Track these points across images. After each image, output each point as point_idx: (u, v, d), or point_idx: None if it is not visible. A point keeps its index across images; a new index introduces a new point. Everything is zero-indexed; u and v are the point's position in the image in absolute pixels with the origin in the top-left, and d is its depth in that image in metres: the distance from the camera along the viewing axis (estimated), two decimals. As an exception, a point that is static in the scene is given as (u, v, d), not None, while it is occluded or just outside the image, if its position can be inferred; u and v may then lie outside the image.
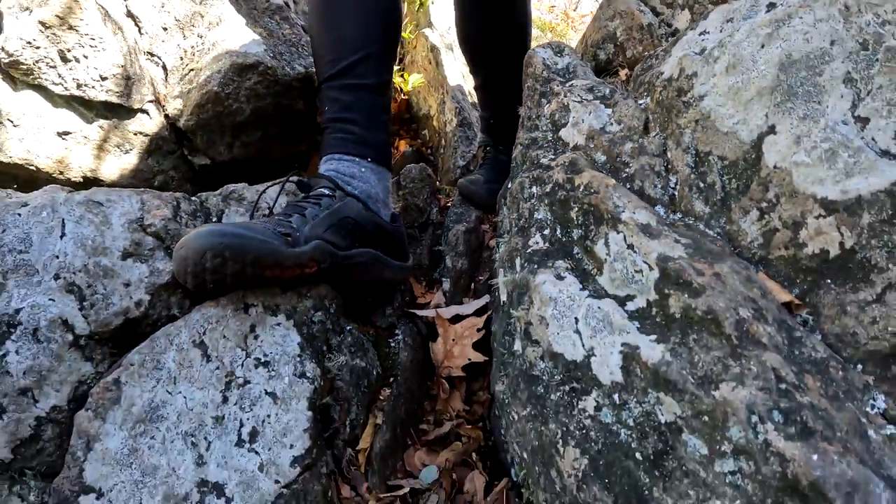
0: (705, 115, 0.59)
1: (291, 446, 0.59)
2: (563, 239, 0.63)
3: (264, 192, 0.75)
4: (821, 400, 0.38)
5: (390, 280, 0.79)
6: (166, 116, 0.87)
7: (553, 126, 0.79)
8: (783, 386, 0.39)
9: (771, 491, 0.36)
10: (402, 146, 1.44)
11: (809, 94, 0.50)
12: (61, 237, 0.58)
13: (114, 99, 0.82)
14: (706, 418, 0.40)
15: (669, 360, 0.44)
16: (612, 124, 0.72)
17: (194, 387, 0.59)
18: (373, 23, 0.78)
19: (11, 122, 0.72)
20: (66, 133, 0.78)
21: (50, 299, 0.56)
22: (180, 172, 0.91)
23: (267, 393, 0.61)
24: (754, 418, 0.37)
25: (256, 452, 0.58)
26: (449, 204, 1.06)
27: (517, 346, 0.60)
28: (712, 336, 0.44)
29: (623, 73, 1.00)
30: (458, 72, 1.40)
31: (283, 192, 0.78)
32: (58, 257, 0.57)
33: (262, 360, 0.62)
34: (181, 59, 0.87)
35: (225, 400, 0.59)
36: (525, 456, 0.56)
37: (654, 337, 0.47)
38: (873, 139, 0.46)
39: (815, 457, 0.34)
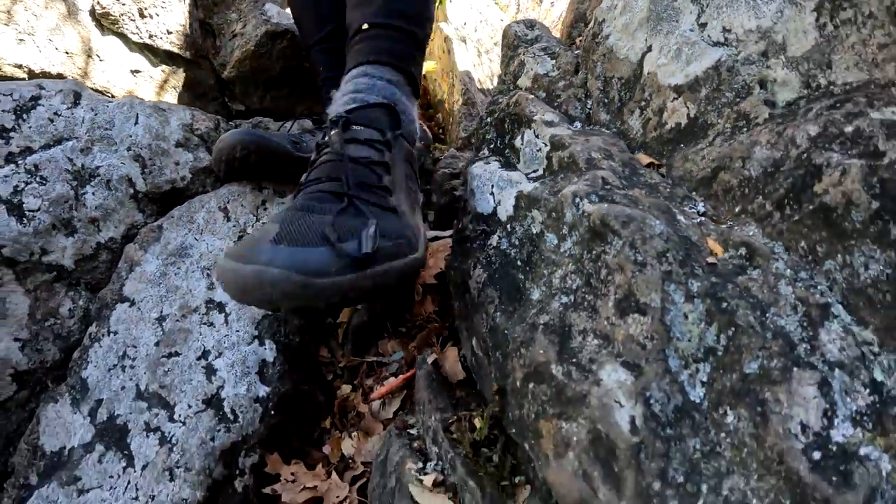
0: (609, 49, 0.78)
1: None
2: (500, 146, 0.82)
3: (283, 125, 0.97)
4: (636, 192, 0.55)
5: None
6: (213, 69, 1.12)
7: (513, 78, 0.99)
8: (607, 186, 0.56)
9: (585, 243, 0.53)
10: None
11: (670, 16, 0.68)
12: (135, 124, 0.81)
13: (175, 49, 1.07)
14: (554, 214, 0.58)
15: (539, 187, 0.62)
16: (553, 70, 0.91)
17: (215, 237, 0.80)
18: None
19: (98, 57, 0.97)
20: (137, 71, 1.03)
21: (122, 162, 0.78)
22: (221, 115, 1.15)
23: (268, 247, 0.81)
24: (577, 200, 0.55)
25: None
26: (441, 157, 1.26)
27: (462, 221, 0.78)
28: (571, 172, 0.62)
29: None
30: (469, 60, 1.63)
31: (297, 125, 1.00)
32: (131, 136, 0.80)
33: (267, 224, 0.83)
34: (227, 25, 1.12)
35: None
36: (454, 290, 0.74)
37: (537, 182, 0.65)
38: (708, 36, 0.64)
39: (605, 206, 0.51)
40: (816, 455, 0.35)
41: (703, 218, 0.55)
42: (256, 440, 0.69)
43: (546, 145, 0.71)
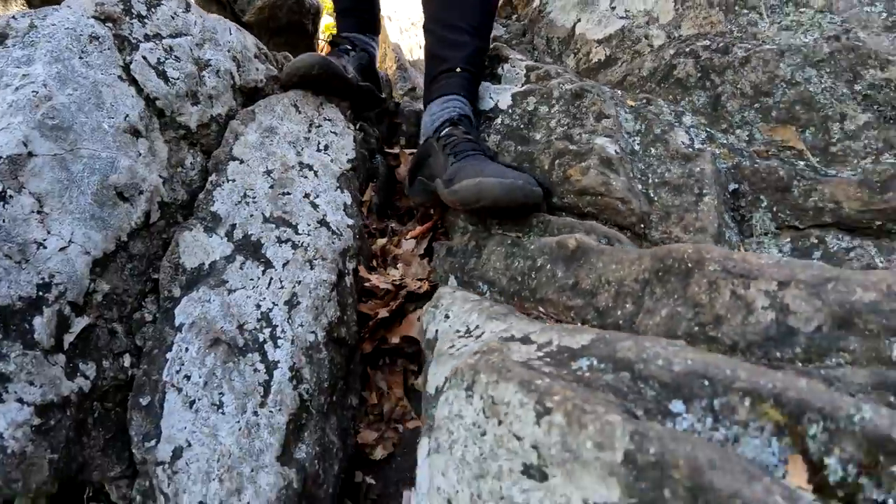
0: (551, 21, 1.28)
1: (346, 154, 1.11)
2: (486, 74, 1.25)
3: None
4: (589, 82, 1.04)
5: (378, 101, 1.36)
6: (234, 13, 1.37)
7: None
8: (573, 80, 1.04)
9: (569, 101, 0.99)
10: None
11: (596, 1, 1.20)
12: (230, 34, 1.07)
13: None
14: (545, 96, 1.04)
15: (528, 87, 1.08)
16: (506, 34, 1.39)
17: (292, 122, 1.10)
18: None
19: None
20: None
21: (226, 59, 1.05)
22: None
23: (332, 132, 1.13)
24: (560, 84, 1.01)
25: (328, 154, 1.10)
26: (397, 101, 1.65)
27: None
28: (546, 80, 1.09)
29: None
30: (396, 34, 2.04)
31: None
32: (229, 42, 1.07)
33: (327, 118, 1.15)
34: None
35: (309, 129, 1.11)
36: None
37: (524, 87, 1.11)
38: (616, 13, 1.16)
39: (579, 83, 0.98)
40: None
41: (621, 93, 1.06)
42: (354, 251, 1.02)
43: (523, 70, 1.17)
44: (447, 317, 0.69)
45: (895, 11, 1.08)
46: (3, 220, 0.68)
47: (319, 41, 1.62)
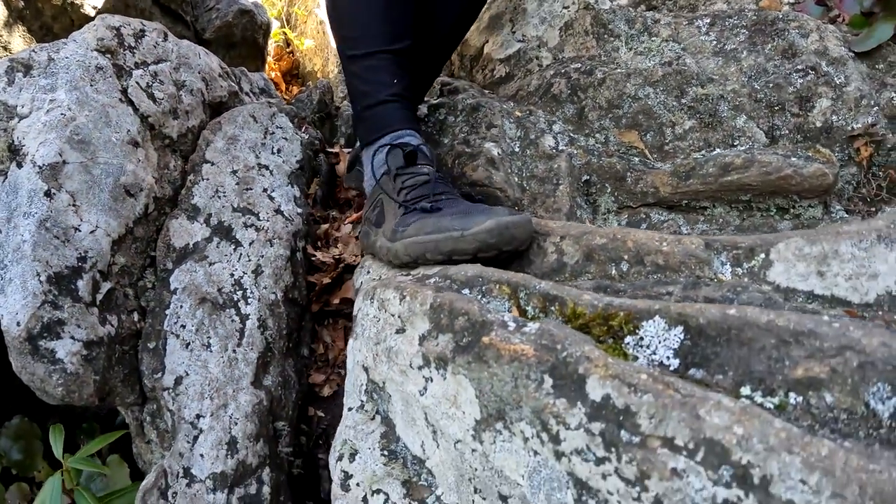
0: (466, 41, 1.68)
1: (295, 156, 1.50)
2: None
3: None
4: (488, 97, 1.45)
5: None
6: (195, 31, 1.72)
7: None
8: (475, 95, 1.45)
9: (469, 113, 1.41)
10: (295, 90, 2.37)
11: (498, 27, 1.61)
12: (199, 58, 1.43)
13: (179, 12, 1.65)
14: (452, 107, 1.45)
15: (443, 100, 1.49)
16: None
17: (251, 131, 1.48)
18: None
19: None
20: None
21: (196, 80, 1.41)
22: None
23: (283, 138, 1.51)
24: (464, 99, 1.43)
25: (280, 157, 1.48)
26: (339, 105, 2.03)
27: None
28: (458, 93, 1.50)
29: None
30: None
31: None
32: (199, 65, 1.43)
33: (279, 126, 1.53)
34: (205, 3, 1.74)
35: (265, 136, 1.49)
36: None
37: (440, 99, 1.51)
38: (515, 37, 1.57)
39: (478, 99, 1.40)
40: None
41: (511, 104, 1.47)
42: (303, 233, 1.41)
43: (438, 84, 1.57)
44: (368, 272, 1.09)
45: (723, 40, 1.53)
46: (51, 211, 1.04)
47: (269, 55, 1.98)
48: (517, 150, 1.34)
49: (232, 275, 1.26)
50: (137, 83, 1.27)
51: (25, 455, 1.43)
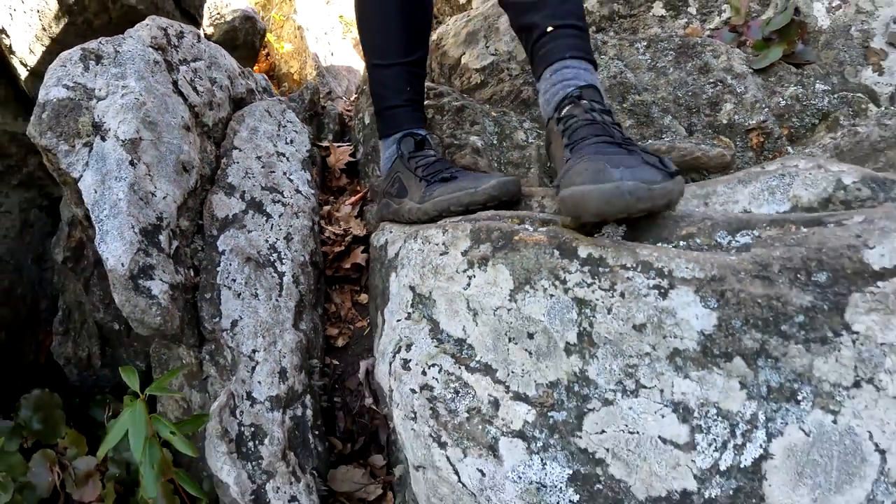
0: (445, 52, 2.06)
1: (305, 146, 1.81)
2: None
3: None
4: (469, 98, 1.83)
5: None
6: (205, 34, 2.00)
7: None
8: (457, 99, 1.83)
9: (454, 113, 1.77)
10: (275, 91, 2.65)
11: (475, 41, 2.00)
12: (225, 58, 1.72)
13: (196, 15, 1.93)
14: (439, 106, 1.81)
15: (429, 102, 1.85)
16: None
17: (267, 124, 1.78)
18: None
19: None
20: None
21: (225, 77, 1.70)
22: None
23: (294, 131, 1.82)
24: (449, 101, 1.79)
25: (293, 146, 1.79)
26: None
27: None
28: (440, 97, 1.87)
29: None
30: (313, 42, 2.72)
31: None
32: (225, 64, 1.72)
33: (290, 121, 1.83)
34: (211, 10, 2.02)
35: (279, 129, 1.79)
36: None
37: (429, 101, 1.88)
38: (489, 50, 1.96)
39: (463, 101, 1.77)
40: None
41: (488, 107, 1.85)
42: (317, 210, 1.72)
43: (424, 89, 1.93)
44: (391, 232, 1.43)
45: (655, 58, 1.98)
46: (136, 178, 1.31)
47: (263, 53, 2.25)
48: (495, 142, 1.71)
49: (267, 241, 1.55)
50: (184, 77, 1.55)
51: (46, 424, 1.60)
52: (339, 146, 2.17)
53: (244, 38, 2.16)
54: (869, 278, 0.77)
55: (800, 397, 0.75)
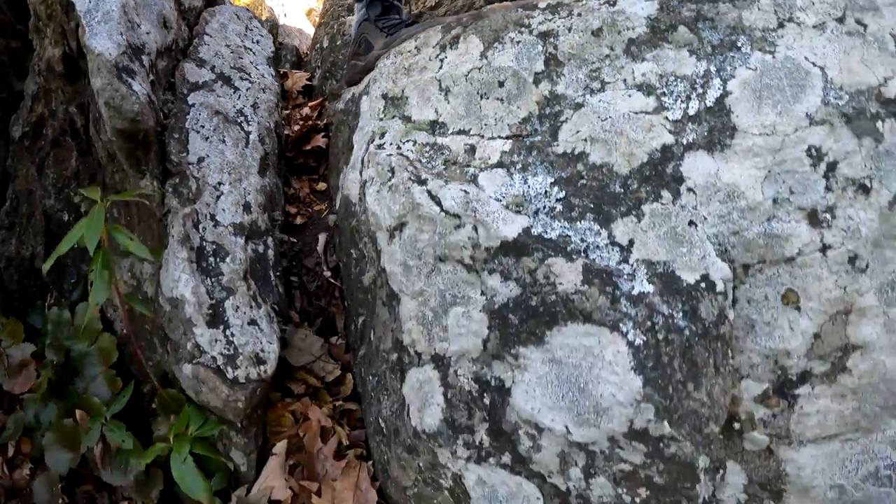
0: None
1: (270, 48, 1.99)
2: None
3: None
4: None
5: None
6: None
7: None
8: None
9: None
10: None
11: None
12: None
13: None
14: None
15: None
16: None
17: (235, 24, 1.96)
18: None
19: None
20: None
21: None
22: None
23: (259, 34, 2.00)
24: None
25: (259, 45, 1.97)
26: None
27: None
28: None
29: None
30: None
31: None
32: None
33: (256, 26, 2.02)
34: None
35: (245, 30, 1.97)
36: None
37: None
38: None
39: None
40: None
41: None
42: (280, 97, 1.88)
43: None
44: (354, 88, 1.62)
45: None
46: (125, 4, 1.44)
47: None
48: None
49: (234, 106, 1.69)
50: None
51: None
52: (295, 72, 2.36)
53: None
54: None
55: (739, 44, 0.97)
